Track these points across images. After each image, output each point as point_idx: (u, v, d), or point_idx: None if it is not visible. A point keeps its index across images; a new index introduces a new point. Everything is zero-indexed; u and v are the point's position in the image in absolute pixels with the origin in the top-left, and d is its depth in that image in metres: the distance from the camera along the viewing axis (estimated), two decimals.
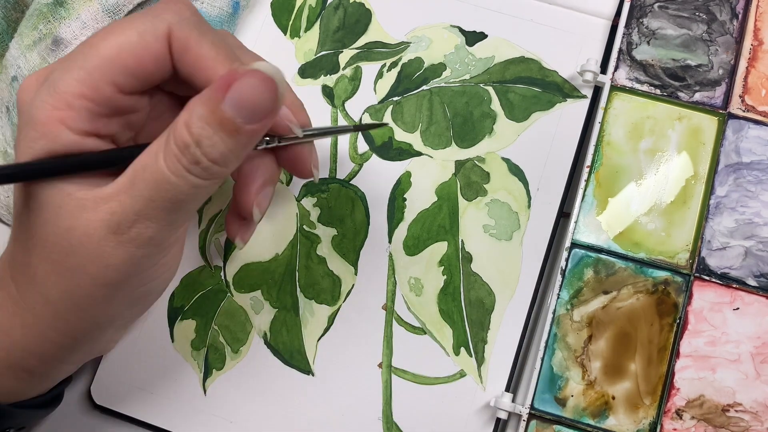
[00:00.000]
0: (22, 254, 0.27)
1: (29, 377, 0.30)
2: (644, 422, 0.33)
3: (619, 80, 0.37)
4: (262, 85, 0.24)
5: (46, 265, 0.27)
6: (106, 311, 0.29)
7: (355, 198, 0.37)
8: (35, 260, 0.27)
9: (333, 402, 0.34)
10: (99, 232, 0.26)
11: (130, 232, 0.26)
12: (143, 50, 0.25)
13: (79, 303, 0.27)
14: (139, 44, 0.25)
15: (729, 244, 0.34)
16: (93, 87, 0.25)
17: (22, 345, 0.28)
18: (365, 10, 0.40)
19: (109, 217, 0.25)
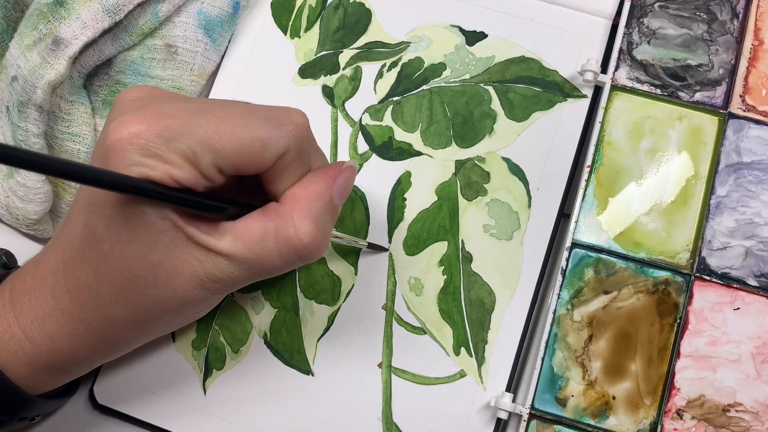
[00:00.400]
0: (88, 275, 0.28)
1: (63, 375, 0.31)
2: (645, 422, 0.33)
3: (620, 80, 0.37)
4: (353, 176, 0.30)
5: (119, 291, 0.28)
6: (158, 331, 0.31)
7: (355, 198, 0.37)
8: (105, 284, 0.28)
9: (333, 402, 0.34)
10: (186, 274, 0.27)
11: (216, 285, 0.28)
12: (257, 159, 0.27)
13: (141, 325, 0.29)
14: (258, 153, 0.27)
15: (729, 244, 0.34)
16: (200, 163, 0.26)
17: (66, 351, 0.30)
18: (365, 10, 0.40)
19: (198, 264, 0.27)
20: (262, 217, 0.28)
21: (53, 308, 0.29)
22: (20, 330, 0.29)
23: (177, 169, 0.25)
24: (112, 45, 0.36)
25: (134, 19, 0.36)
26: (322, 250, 0.28)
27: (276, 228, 0.27)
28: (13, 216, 0.37)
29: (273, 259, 0.28)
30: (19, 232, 0.38)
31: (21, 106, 0.34)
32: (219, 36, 0.38)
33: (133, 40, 0.37)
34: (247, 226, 0.27)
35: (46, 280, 0.29)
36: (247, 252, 0.27)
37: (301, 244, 0.27)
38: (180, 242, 0.27)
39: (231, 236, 0.27)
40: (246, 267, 0.28)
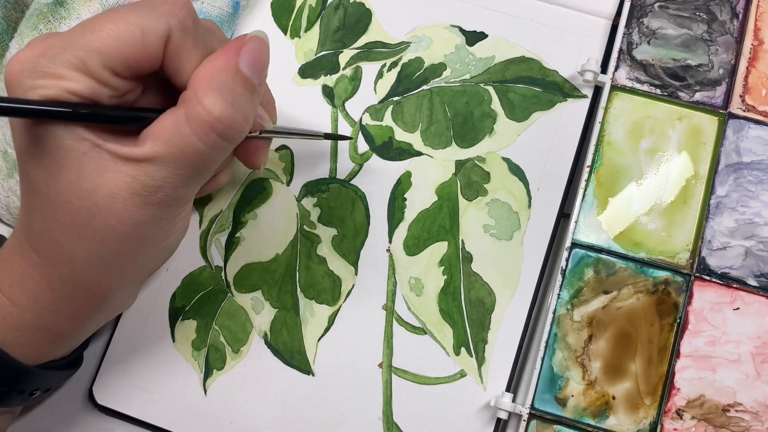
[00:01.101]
0: (41, 223, 0.28)
1: (58, 338, 0.31)
2: (644, 422, 0.33)
3: (620, 80, 0.37)
4: (264, 46, 0.28)
5: (70, 229, 0.27)
6: (132, 266, 0.30)
7: (356, 198, 0.37)
8: (56, 226, 0.27)
9: (333, 402, 0.34)
10: (123, 193, 0.27)
11: (157, 195, 0.27)
12: (142, 48, 0.26)
13: (106, 261, 0.29)
14: (140, 41, 0.26)
15: (729, 243, 0.34)
16: (90, 69, 0.26)
17: (52, 308, 0.29)
18: (365, 10, 0.40)
19: (131, 179, 0.27)
20: (173, 109, 0.27)
21: (26, 268, 0.29)
22: (3, 296, 0.29)
23: (69, 81, 0.25)
24: None
25: None
26: (239, 124, 0.27)
27: (186, 113, 0.26)
28: (13, 216, 0.37)
29: (194, 144, 0.27)
30: None
31: None
32: None
33: None
34: (160, 124, 0.27)
35: (15, 245, 0.29)
36: (168, 147, 0.26)
37: (213, 117, 0.26)
38: (106, 162, 0.26)
39: (150, 139, 0.27)
40: (175, 164, 0.27)
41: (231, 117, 0.27)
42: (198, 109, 0.26)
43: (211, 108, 0.26)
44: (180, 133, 0.26)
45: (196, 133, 0.26)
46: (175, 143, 0.26)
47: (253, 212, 0.37)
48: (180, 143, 0.26)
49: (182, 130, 0.26)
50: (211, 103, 0.26)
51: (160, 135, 0.27)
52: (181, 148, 0.27)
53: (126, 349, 0.36)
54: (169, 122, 0.27)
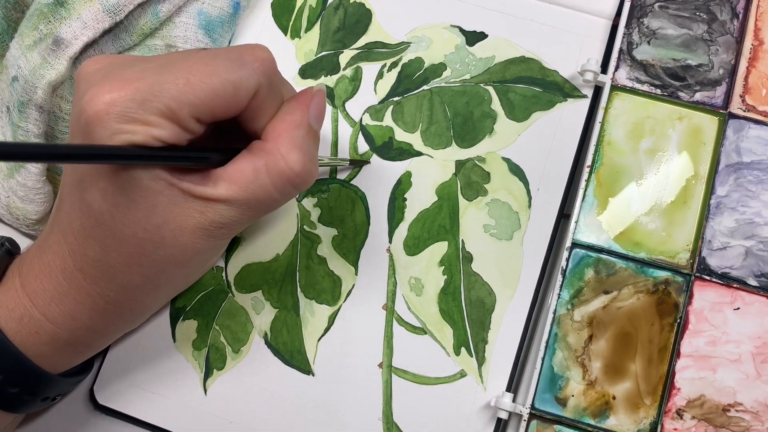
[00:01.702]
0: (98, 251, 0.29)
1: (85, 350, 0.32)
2: (645, 422, 0.33)
3: (620, 80, 0.37)
4: (324, 99, 0.31)
5: (129, 258, 0.28)
6: (177, 287, 0.33)
7: (356, 198, 0.37)
8: (114, 255, 0.28)
9: (333, 402, 0.34)
10: (190, 227, 0.28)
11: (221, 231, 0.29)
12: (232, 102, 0.27)
13: (160, 286, 0.30)
14: (231, 96, 0.27)
15: (729, 243, 0.34)
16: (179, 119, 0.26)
17: (89, 326, 0.30)
18: (365, 10, 0.40)
19: (200, 215, 0.28)
20: (250, 157, 0.28)
21: (68, 288, 0.29)
22: (38, 312, 0.30)
23: (158, 128, 0.26)
24: (112, 45, 0.36)
25: (135, 20, 0.36)
26: (314, 176, 0.29)
27: (266, 164, 0.28)
28: (14, 216, 0.37)
29: (270, 193, 0.28)
30: (20, 231, 0.38)
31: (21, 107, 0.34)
32: (219, 36, 0.38)
33: (134, 41, 0.37)
34: (238, 169, 0.28)
35: (54, 264, 0.30)
36: (243, 192, 0.28)
37: (294, 173, 0.28)
38: (178, 199, 0.28)
39: (225, 181, 0.28)
40: (246, 207, 0.29)
41: (309, 171, 0.29)
42: (281, 163, 0.28)
43: (294, 165, 0.28)
44: (258, 182, 0.28)
45: (275, 184, 0.28)
46: (252, 190, 0.28)
47: None
48: (257, 191, 0.28)
49: (261, 180, 0.28)
50: (295, 161, 0.28)
51: (237, 179, 0.28)
52: (257, 194, 0.28)
53: (127, 349, 0.36)
54: (248, 169, 0.28)
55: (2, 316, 0.30)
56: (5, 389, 0.30)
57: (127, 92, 0.26)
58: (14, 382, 0.30)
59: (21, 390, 0.30)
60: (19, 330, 0.30)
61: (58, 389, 0.32)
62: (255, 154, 0.28)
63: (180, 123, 0.26)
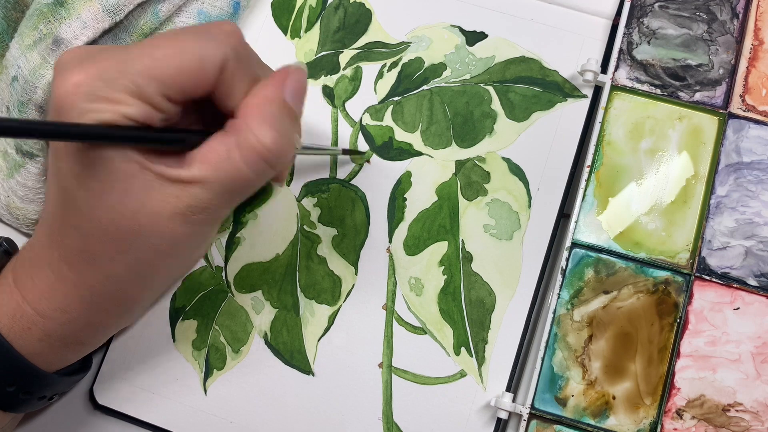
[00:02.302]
0: (78, 239, 0.28)
1: (79, 347, 0.32)
2: (645, 422, 0.33)
3: (620, 80, 0.37)
4: (304, 77, 0.29)
5: (110, 245, 0.28)
6: (162, 278, 0.31)
7: (356, 198, 0.37)
8: (95, 243, 0.28)
9: (333, 402, 0.34)
10: (167, 212, 0.27)
11: (199, 215, 0.28)
12: (199, 76, 0.27)
13: (143, 275, 0.30)
14: (198, 70, 0.27)
15: (729, 243, 0.34)
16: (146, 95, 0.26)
17: (79, 319, 0.30)
18: (365, 10, 0.40)
19: (176, 199, 0.27)
20: (222, 135, 0.28)
21: (55, 281, 0.29)
22: (30, 308, 0.29)
23: (125, 106, 0.26)
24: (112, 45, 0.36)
25: (134, 20, 0.36)
26: (287, 153, 0.28)
27: (237, 141, 0.27)
28: (14, 216, 0.37)
29: (243, 172, 0.28)
30: (20, 231, 0.38)
31: (21, 106, 0.34)
32: None
33: (134, 41, 0.37)
34: (210, 148, 0.28)
35: (42, 257, 0.30)
36: (216, 172, 0.27)
37: (265, 148, 0.27)
38: (152, 183, 0.27)
39: (198, 162, 0.27)
40: (221, 188, 0.28)
41: (281, 146, 0.28)
42: (251, 138, 0.27)
43: (264, 139, 0.27)
44: (230, 160, 0.27)
45: (246, 160, 0.27)
46: (224, 169, 0.27)
47: (254, 212, 0.37)
48: (229, 169, 0.27)
49: (233, 157, 0.27)
50: (264, 135, 0.27)
51: (208, 159, 0.27)
52: (230, 173, 0.27)
53: (126, 349, 0.36)
54: (220, 148, 0.27)
55: None
56: (1, 388, 0.30)
57: (93, 72, 0.26)
58: (10, 380, 0.30)
59: (17, 389, 0.30)
60: (12, 326, 0.30)
61: (54, 388, 0.32)
62: (227, 132, 0.28)
63: (148, 100, 0.26)
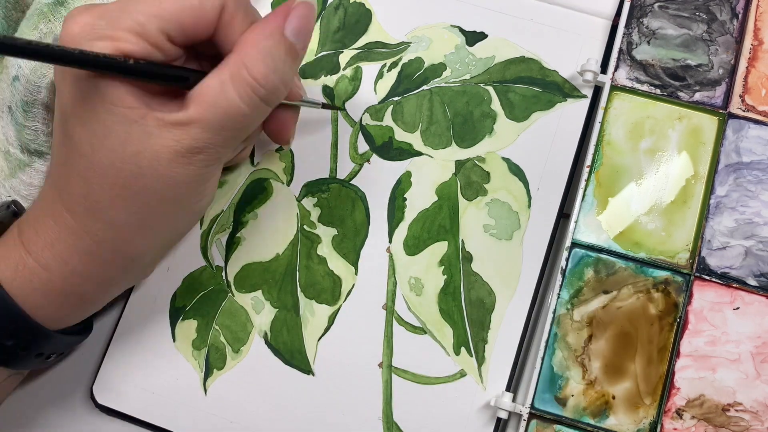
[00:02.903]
0: (81, 185, 0.29)
1: (81, 303, 0.32)
2: (644, 422, 0.33)
3: (620, 80, 0.37)
4: (311, 12, 0.29)
5: (111, 190, 0.28)
6: (166, 227, 0.31)
7: (356, 198, 0.37)
8: (98, 188, 0.28)
9: (333, 402, 0.35)
10: (168, 155, 0.28)
11: (199, 156, 0.28)
12: (200, 15, 0.28)
13: (145, 222, 0.30)
14: (198, 8, 0.28)
15: (729, 243, 0.34)
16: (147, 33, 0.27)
17: (81, 271, 0.30)
18: (365, 10, 0.40)
19: (175, 143, 0.28)
20: (217, 71, 0.28)
21: (58, 231, 0.29)
22: (32, 259, 0.30)
23: (126, 43, 0.26)
24: None
25: None
26: (279, 89, 0.29)
27: (230, 74, 0.28)
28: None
29: (238, 106, 0.28)
30: None
31: (26, 106, 0.34)
32: None
33: None
34: (205, 85, 0.28)
35: (46, 209, 0.30)
36: (212, 108, 0.28)
37: (257, 80, 0.28)
38: (152, 129, 0.27)
39: (194, 101, 0.28)
40: (218, 125, 0.28)
41: (272, 81, 0.28)
42: (243, 72, 0.28)
43: (256, 73, 0.28)
44: (224, 94, 0.28)
45: (240, 94, 0.28)
46: (220, 104, 0.28)
47: (254, 212, 0.37)
48: (224, 104, 0.28)
49: (227, 91, 0.28)
50: (256, 68, 0.28)
51: (205, 96, 0.28)
52: (225, 108, 0.28)
53: (126, 348, 0.36)
54: (213, 84, 0.28)
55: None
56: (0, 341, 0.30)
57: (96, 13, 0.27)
58: (8, 333, 0.30)
59: (15, 343, 0.30)
60: (14, 278, 0.30)
61: (52, 346, 0.32)
62: (221, 68, 0.28)
63: (149, 38, 0.27)
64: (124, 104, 0.27)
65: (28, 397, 0.36)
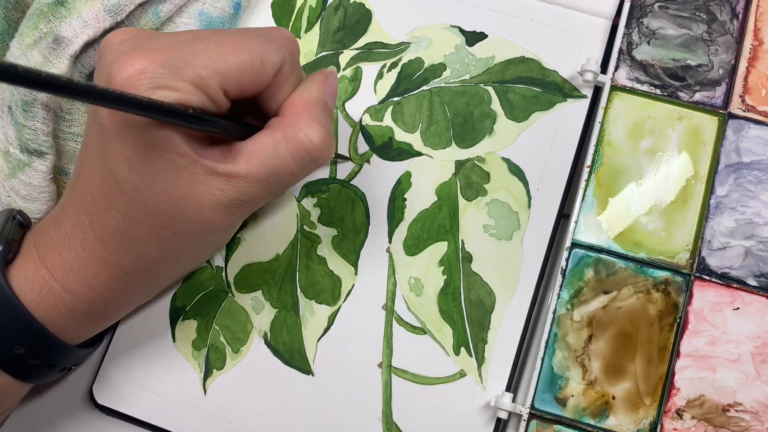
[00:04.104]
0: (117, 220, 0.29)
1: (100, 321, 0.33)
2: (644, 422, 0.33)
3: (620, 80, 0.37)
4: (336, 80, 0.32)
5: (151, 229, 0.29)
6: (191, 261, 0.34)
7: (356, 198, 0.37)
8: (136, 226, 0.29)
9: (333, 402, 0.34)
10: (211, 203, 0.29)
11: (241, 207, 0.30)
12: (259, 75, 0.28)
13: (177, 259, 0.31)
14: (259, 70, 0.28)
15: (729, 243, 0.34)
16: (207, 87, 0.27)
17: (106, 297, 0.31)
18: (365, 10, 0.40)
19: (220, 192, 0.29)
20: (269, 131, 0.29)
21: (86, 258, 0.30)
22: (57, 284, 0.30)
23: (186, 95, 0.27)
24: None
25: (135, 20, 0.36)
26: (332, 150, 0.30)
27: (285, 137, 0.29)
28: None
29: (289, 167, 0.29)
30: None
31: (26, 106, 0.34)
32: None
33: None
34: (257, 143, 0.29)
35: (73, 234, 0.30)
36: (263, 167, 0.29)
37: (313, 145, 0.29)
38: (200, 176, 0.28)
39: (245, 157, 0.29)
40: (265, 182, 0.29)
41: (327, 144, 0.29)
42: (300, 135, 0.29)
43: (313, 137, 0.29)
44: (278, 155, 0.29)
45: (294, 156, 0.29)
46: (272, 164, 0.29)
47: (254, 213, 0.37)
48: (276, 164, 0.29)
49: (280, 152, 0.29)
50: (314, 133, 0.29)
51: (257, 154, 0.29)
52: (277, 168, 0.29)
53: (126, 349, 0.36)
54: (267, 143, 0.29)
55: (23, 288, 0.30)
56: (27, 361, 0.30)
57: (158, 60, 0.27)
58: (36, 354, 0.30)
59: (41, 362, 0.31)
60: (39, 302, 0.30)
61: (74, 360, 0.33)
62: (273, 128, 0.29)
63: (208, 92, 0.27)
64: (177, 152, 0.28)
65: (28, 397, 0.36)
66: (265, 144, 0.29)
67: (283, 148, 0.29)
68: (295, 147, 0.29)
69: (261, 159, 0.29)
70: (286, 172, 0.29)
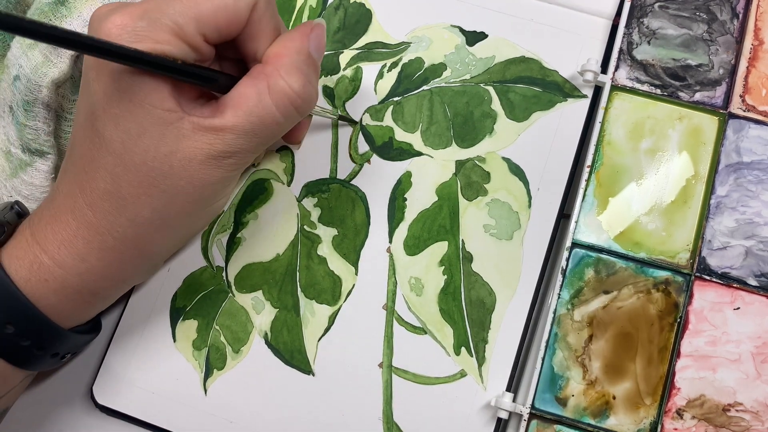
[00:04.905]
0: (108, 182, 0.29)
1: (93, 300, 0.32)
2: (645, 422, 0.33)
3: (620, 80, 0.37)
4: (324, 33, 0.32)
5: (139, 188, 0.29)
6: (185, 225, 0.33)
7: (356, 198, 0.37)
8: (124, 185, 0.29)
9: (333, 402, 0.34)
10: (200, 158, 0.29)
11: (229, 160, 0.30)
12: (234, 15, 0.29)
13: (168, 220, 0.31)
14: (233, 9, 0.29)
15: (729, 243, 0.34)
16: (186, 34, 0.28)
17: (97, 269, 0.31)
18: (365, 10, 0.40)
19: (208, 146, 0.29)
20: (252, 81, 0.29)
21: (77, 227, 0.30)
22: (48, 258, 0.30)
23: (166, 45, 0.27)
24: None
25: None
26: (313, 100, 0.31)
27: (268, 86, 0.29)
28: None
29: (274, 115, 0.29)
30: None
31: (27, 106, 0.34)
32: None
33: None
34: (241, 94, 0.29)
35: (64, 205, 0.30)
36: (249, 117, 0.29)
37: (295, 93, 0.29)
38: (187, 132, 0.28)
39: (230, 108, 0.29)
40: (252, 133, 0.29)
41: (308, 93, 0.30)
42: (281, 83, 0.29)
43: (295, 85, 0.29)
44: (262, 105, 0.29)
45: (277, 105, 0.29)
46: (257, 113, 0.29)
47: (254, 213, 0.37)
48: (261, 113, 0.29)
49: (265, 102, 0.29)
50: (295, 81, 0.29)
51: (242, 104, 0.29)
52: (261, 117, 0.29)
53: (126, 349, 0.36)
54: (251, 93, 0.29)
55: (13, 265, 0.30)
56: (17, 341, 0.30)
57: (135, 14, 0.27)
58: (25, 333, 0.30)
59: (32, 344, 0.30)
60: (29, 278, 0.30)
61: (67, 345, 0.32)
62: (256, 78, 0.29)
63: (187, 39, 0.28)
64: (164, 106, 0.28)
65: (28, 397, 0.36)
66: (249, 95, 0.29)
67: (266, 98, 0.29)
68: (279, 95, 0.29)
69: (246, 110, 0.29)
70: (271, 122, 0.29)
